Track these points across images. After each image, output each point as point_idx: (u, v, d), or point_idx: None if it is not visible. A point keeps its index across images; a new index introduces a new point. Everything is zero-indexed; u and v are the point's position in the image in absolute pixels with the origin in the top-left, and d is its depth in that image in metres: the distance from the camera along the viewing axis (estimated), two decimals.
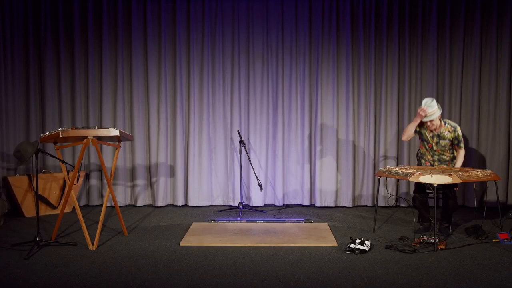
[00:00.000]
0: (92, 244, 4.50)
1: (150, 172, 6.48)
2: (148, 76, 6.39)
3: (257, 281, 3.67)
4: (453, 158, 5.20)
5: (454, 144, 5.14)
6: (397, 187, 6.33)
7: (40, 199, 5.97)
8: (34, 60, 6.33)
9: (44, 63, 6.32)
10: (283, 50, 6.38)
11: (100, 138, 4.72)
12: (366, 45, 6.34)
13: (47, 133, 4.62)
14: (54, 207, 6.08)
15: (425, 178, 4.50)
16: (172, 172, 6.47)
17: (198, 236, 4.91)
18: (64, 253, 4.34)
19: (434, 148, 5.17)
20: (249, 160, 6.21)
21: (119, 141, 4.97)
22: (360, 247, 4.33)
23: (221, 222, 5.57)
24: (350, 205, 6.39)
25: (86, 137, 4.50)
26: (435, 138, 5.13)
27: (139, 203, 6.48)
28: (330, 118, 6.36)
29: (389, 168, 5.01)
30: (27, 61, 6.31)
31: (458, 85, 6.30)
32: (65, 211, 6.04)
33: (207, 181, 6.46)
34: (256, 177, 6.16)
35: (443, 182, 4.47)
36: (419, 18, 6.27)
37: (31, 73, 6.31)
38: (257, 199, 6.43)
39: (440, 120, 5.07)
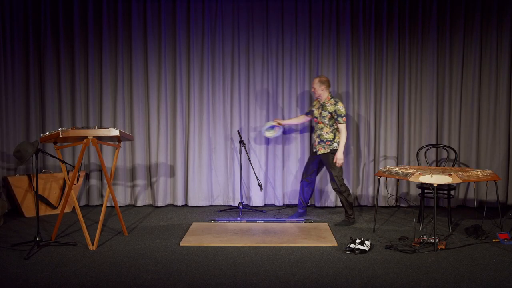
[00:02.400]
0: (92, 244, 4.50)
1: (150, 172, 6.48)
2: (148, 76, 6.39)
3: (257, 281, 3.67)
4: (332, 141, 5.44)
5: (335, 119, 5.41)
6: (397, 187, 6.33)
7: (40, 199, 5.98)
8: (34, 60, 6.33)
9: (44, 63, 6.32)
10: (283, 50, 6.38)
11: (100, 138, 4.72)
12: (366, 45, 6.34)
13: (47, 133, 4.62)
14: (54, 207, 6.08)
15: (425, 178, 4.51)
16: (172, 172, 6.47)
17: (198, 236, 4.91)
18: (64, 253, 4.34)
19: (318, 120, 5.52)
20: (249, 160, 6.21)
21: (119, 141, 4.97)
22: (360, 247, 4.33)
23: (221, 222, 5.57)
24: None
25: (86, 137, 4.50)
26: (319, 109, 5.52)
27: (139, 203, 6.48)
28: None
29: (389, 168, 5.02)
30: (27, 61, 6.31)
31: (458, 85, 6.30)
32: (65, 211, 6.04)
33: (207, 181, 6.46)
34: (256, 177, 6.16)
35: (443, 182, 4.47)
36: (419, 18, 6.27)
37: (31, 73, 6.31)
38: (257, 199, 6.43)
39: (330, 94, 5.49)
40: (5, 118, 6.10)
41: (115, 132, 4.58)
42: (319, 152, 5.49)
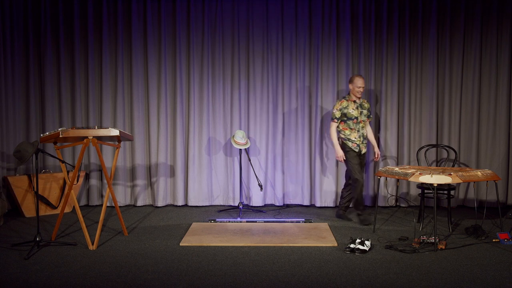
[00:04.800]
0: (92, 244, 4.51)
1: (150, 172, 6.48)
2: (148, 76, 6.39)
3: (257, 281, 3.67)
4: (366, 137, 5.68)
5: (367, 117, 5.64)
6: (397, 187, 6.33)
7: (40, 199, 5.98)
8: (34, 60, 6.33)
9: (44, 63, 6.32)
10: (283, 50, 6.38)
11: (100, 138, 4.72)
12: (366, 45, 6.34)
13: (47, 133, 4.62)
14: (54, 207, 6.09)
15: (425, 178, 4.51)
16: (172, 172, 6.47)
17: (198, 236, 4.91)
18: (64, 253, 4.34)
19: (359, 119, 5.55)
20: (249, 160, 6.21)
21: (119, 141, 4.97)
22: (360, 247, 4.33)
23: (221, 222, 5.57)
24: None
25: (86, 137, 4.50)
26: (359, 109, 5.56)
27: (139, 203, 6.48)
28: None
29: (389, 168, 5.02)
30: (27, 61, 6.31)
31: (458, 85, 6.30)
32: (65, 211, 6.05)
33: (207, 181, 6.46)
34: (256, 177, 6.17)
35: (443, 182, 4.47)
36: (419, 18, 6.27)
37: (31, 73, 6.31)
38: (257, 199, 6.44)
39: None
40: (5, 118, 6.10)
41: (115, 132, 4.58)
42: (363, 152, 5.58)
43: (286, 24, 6.36)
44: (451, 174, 4.51)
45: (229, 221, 5.59)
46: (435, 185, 4.47)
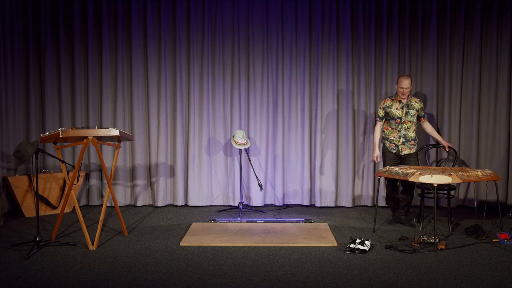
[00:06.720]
0: (92, 244, 4.51)
1: (150, 172, 6.48)
2: (148, 76, 6.39)
3: (257, 281, 3.67)
4: (415, 139, 5.47)
5: (420, 116, 5.50)
6: (397, 187, 6.31)
7: (40, 199, 5.98)
8: (34, 60, 6.33)
9: (44, 63, 6.32)
10: (283, 50, 6.38)
11: (100, 138, 4.73)
12: (366, 45, 6.34)
13: (47, 133, 4.63)
14: (54, 207, 6.09)
15: (425, 178, 4.51)
16: (172, 172, 6.47)
17: (198, 236, 4.91)
18: (64, 253, 4.34)
19: (403, 119, 5.39)
20: (249, 160, 6.21)
21: (119, 141, 4.97)
22: (360, 247, 4.33)
23: (221, 222, 5.57)
24: (350, 205, 6.39)
25: (86, 137, 4.50)
26: (404, 109, 5.39)
27: (139, 203, 6.48)
28: (330, 117, 6.36)
29: (389, 168, 5.02)
30: (27, 61, 6.31)
31: (458, 85, 6.29)
32: (65, 211, 6.04)
33: (207, 181, 6.46)
34: (256, 177, 6.17)
35: (443, 182, 4.47)
36: (419, 18, 6.27)
37: (31, 73, 6.31)
38: (257, 199, 6.44)
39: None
40: (5, 118, 6.10)
41: (115, 132, 4.58)
42: (404, 153, 5.42)
43: (286, 24, 6.36)
44: (451, 174, 4.51)
45: (229, 221, 5.59)
46: (435, 185, 4.47)
